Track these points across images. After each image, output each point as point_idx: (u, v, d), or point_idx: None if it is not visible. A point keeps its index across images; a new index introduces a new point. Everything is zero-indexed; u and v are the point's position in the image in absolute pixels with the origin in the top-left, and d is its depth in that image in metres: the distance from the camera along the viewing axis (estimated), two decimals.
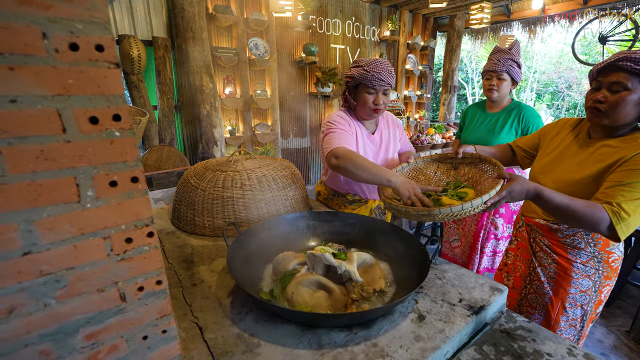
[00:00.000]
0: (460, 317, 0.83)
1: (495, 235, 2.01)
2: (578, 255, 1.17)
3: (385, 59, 3.19)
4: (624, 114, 1.01)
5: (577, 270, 1.18)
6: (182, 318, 0.82)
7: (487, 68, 1.93)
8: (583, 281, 1.18)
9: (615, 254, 1.16)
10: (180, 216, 1.34)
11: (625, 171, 0.98)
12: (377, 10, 4.90)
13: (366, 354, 0.71)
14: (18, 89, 0.38)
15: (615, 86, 1.00)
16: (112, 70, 0.44)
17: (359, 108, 1.49)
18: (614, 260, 1.16)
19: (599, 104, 1.03)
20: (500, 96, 1.94)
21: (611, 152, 1.05)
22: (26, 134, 0.40)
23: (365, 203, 1.64)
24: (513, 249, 1.43)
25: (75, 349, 0.48)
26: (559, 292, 1.23)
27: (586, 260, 1.17)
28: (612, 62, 0.99)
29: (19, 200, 0.40)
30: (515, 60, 1.87)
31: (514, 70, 1.88)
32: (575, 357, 0.75)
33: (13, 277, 0.42)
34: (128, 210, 0.48)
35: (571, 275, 1.19)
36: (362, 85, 1.43)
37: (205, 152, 3.40)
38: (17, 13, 0.37)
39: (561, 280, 1.22)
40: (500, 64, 1.86)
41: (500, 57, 1.88)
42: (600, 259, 1.16)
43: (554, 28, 5.02)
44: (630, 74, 0.97)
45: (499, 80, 1.90)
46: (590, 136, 1.15)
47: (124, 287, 0.50)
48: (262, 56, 3.77)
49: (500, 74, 1.88)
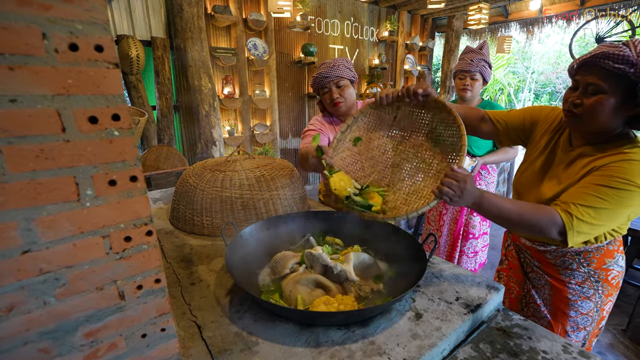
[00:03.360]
0: (457, 315, 0.83)
1: (473, 235, 2.04)
2: (572, 276, 1.06)
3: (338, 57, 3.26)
4: (601, 120, 0.86)
5: (574, 292, 1.06)
6: (180, 317, 0.83)
7: (460, 68, 1.94)
8: (583, 303, 1.06)
9: (614, 271, 1.03)
10: (179, 216, 1.34)
11: (593, 176, 0.88)
12: (376, 11, 4.91)
13: (364, 351, 0.72)
14: (18, 89, 0.39)
15: (591, 88, 0.85)
16: (112, 71, 0.44)
17: (327, 107, 1.63)
18: (614, 277, 1.04)
19: (573, 107, 0.90)
20: (472, 95, 1.96)
21: (586, 162, 0.92)
22: (26, 133, 0.40)
23: None
24: (505, 270, 1.30)
25: (75, 347, 0.48)
26: (558, 315, 1.11)
27: (582, 280, 1.05)
28: (590, 58, 0.84)
29: (18, 198, 0.41)
30: (486, 60, 1.91)
31: (486, 71, 1.92)
32: (570, 355, 0.76)
33: (13, 275, 0.42)
34: (127, 209, 0.49)
35: (568, 297, 1.07)
36: (319, 89, 1.59)
37: (204, 152, 3.40)
38: (17, 14, 0.38)
39: (558, 302, 1.10)
40: (473, 65, 1.88)
41: (472, 57, 1.90)
42: (597, 279, 1.03)
43: (552, 29, 5.05)
44: (609, 74, 0.81)
45: (472, 80, 1.92)
46: (570, 142, 1.00)
47: (123, 285, 0.51)
48: (261, 56, 3.78)
49: (473, 74, 1.90)
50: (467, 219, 2.04)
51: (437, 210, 2.13)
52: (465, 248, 2.07)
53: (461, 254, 2.09)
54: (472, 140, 1.93)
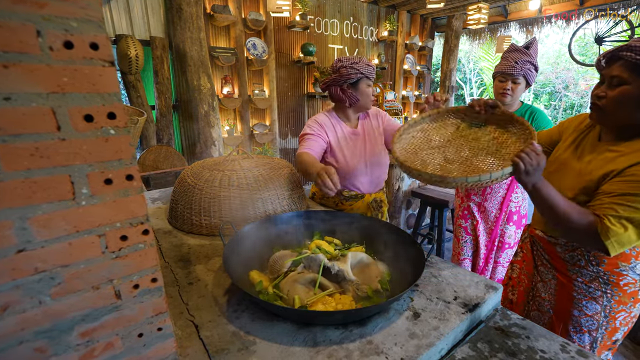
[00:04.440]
0: (455, 314, 0.83)
1: (509, 244, 1.93)
2: (579, 273, 1.04)
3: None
4: (625, 113, 0.88)
5: (579, 290, 1.05)
6: (178, 316, 0.83)
7: (501, 69, 1.68)
8: (588, 304, 1.04)
9: (628, 277, 0.99)
10: (178, 215, 1.34)
11: (620, 182, 0.88)
12: (375, 11, 4.91)
13: (361, 350, 0.72)
14: (12, 87, 0.39)
15: (615, 80, 0.88)
16: (107, 69, 0.44)
17: (361, 101, 1.58)
18: (627, 284, 0.99)
19: (597, 100, 0.93)
20: (512, 100, 1.72)
21: (611, 158, 0.93)
22: (21, 132, 0.40)
23: (362, 198, 1.68)
24: (518, 262, 1.32)
25: (71, 346, 0.48)
26: (561, 312, 1.10)
27: (589, 279, 1.03)
28: (614, 51, 0.88)
29: (13, 197, 0.41)
30: (533, 62, 1.64)
31: (531, 74, 1.66)
32: (568, 354, 0.76)
33: (7, 275, 0.42)
34: (123, 208, 0.49)
35: (573, 295, 1.06)
36: (365, 79, 1.54)
37: (203, 152, 3.39)
38: (11, 11, 0.37)
39: (563, 299, 1.09)
40: (517, 68, 1.62)
41: (517, 58, 1.63)
42: (607, 281, 1.01)
43: (551, 29, 5.05)
44: (632, 66, 0.84)
45: (514, 84, 1.66)
46: (600, 138, 1.02)
47: (119, 284, 0.51)
48: (260, 56, 3.77)
49: (516, 77, 1.65)
50: (503, 230, 1.92)
51: (473, 223, 2.00)
52: (501, 259, 1.97)
53: (496, 264, 1.99)
54: None
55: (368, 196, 1.68)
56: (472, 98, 0.98)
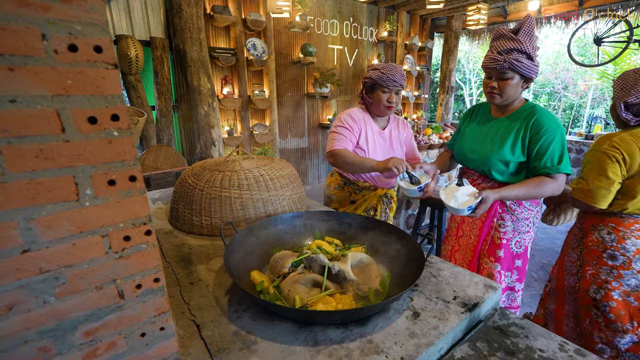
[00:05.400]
0: (455, 314, 0.84)
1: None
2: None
3: (394, 63, 3.33)
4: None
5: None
6: (179, 316, 0.83)
7: (484, 63, 1.37)
8: None
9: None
10: (178, 216, 1.35)
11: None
12: (375, 11, 4.92)
13: (361, 350, 0.72)
14: (18, 89, 0.39)
15: (500, 75, 1.34)
16: (111, 71, 0.44)
17: (374, 105, 1.70)
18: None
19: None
20: (505, 100, 1.38)
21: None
22: (26, 134, 0.40)
23: (374, 190, 1.79)
24: None
25: (74, 346, 0.49)
26: None
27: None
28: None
29: (18, 198, 0.41)
30: (523, 50, 1.26)
31: (523, 65, 1.27)
32: (566, 353, 0.77)
33: (12, 275, 0.43)
34: (126, 208, 0.49)
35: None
36: (378, 86, 1.64)
37: (203, 152, 3.40)
38: (16, 14, 0.38)
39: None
40: (500, 60, 1.28)
41: (501, 47, 1.28)
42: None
43: (550, 29, 5.06)
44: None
45: (501, 80, 1.32)
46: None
47: (122, 284, 0.51)
48: (260, 56, 3.78)
49: (501, 72, 1.30)
50: (484, 266, 1.64)
51: (454, 247, 1.84)
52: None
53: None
54: (495, 161, 1.41)
55: (380, 190, 1.78)
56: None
